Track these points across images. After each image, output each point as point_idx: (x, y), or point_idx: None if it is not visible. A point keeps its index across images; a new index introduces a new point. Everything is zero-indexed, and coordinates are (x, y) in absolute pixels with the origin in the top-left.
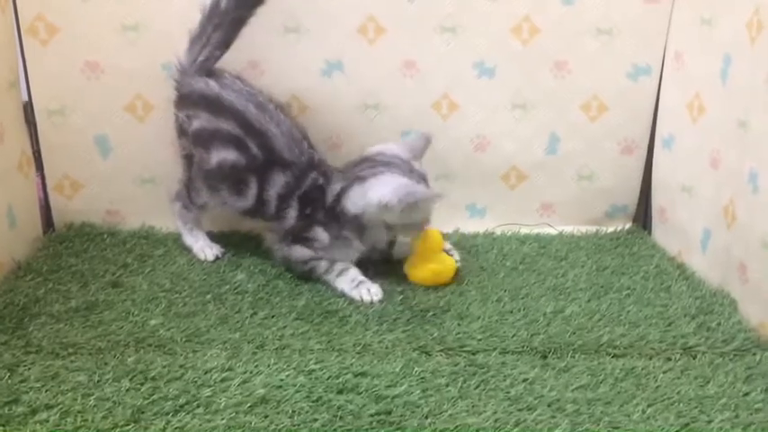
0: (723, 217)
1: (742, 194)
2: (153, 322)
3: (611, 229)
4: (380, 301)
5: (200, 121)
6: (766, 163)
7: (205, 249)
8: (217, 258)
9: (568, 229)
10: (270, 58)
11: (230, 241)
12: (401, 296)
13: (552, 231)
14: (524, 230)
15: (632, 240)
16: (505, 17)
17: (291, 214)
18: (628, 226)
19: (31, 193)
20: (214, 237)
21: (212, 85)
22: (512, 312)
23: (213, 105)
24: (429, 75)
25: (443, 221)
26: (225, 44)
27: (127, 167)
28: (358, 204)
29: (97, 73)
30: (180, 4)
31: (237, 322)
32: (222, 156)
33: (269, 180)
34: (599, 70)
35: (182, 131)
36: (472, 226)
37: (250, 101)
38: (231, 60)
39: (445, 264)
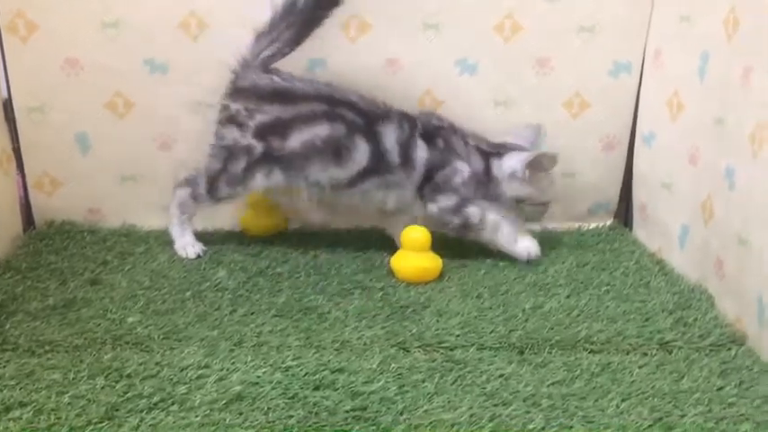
0: (701, 213)
1: (719, 191)
2: (131, 320)
3: (592, 226)
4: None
5: (269, 113)
6: (742, 159)
7: (187, 247)
8: (198, 257)
9: (551, 225)
10: None
11: (213, 239)
12: (381, 292)
13: (534, 228)
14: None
15: (613, 237)
16: (488, 14)
17: (420, 154)
18: (609, 222)
19: (11, 191)
20: (197, 235)
21: (277, 80)
22: (491, 308)
23: (285, 96)
24: (412, 72)
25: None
26: (295, 42)
27: (107, 165)
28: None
29: (77, 70)
30: (160, 0)
31: (216, 319)
32: (312, 134)
33: (379, 133)
34: (581, 67)
35: (231, 121)
36: None
37: (316, 84)
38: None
39: (432, 261)
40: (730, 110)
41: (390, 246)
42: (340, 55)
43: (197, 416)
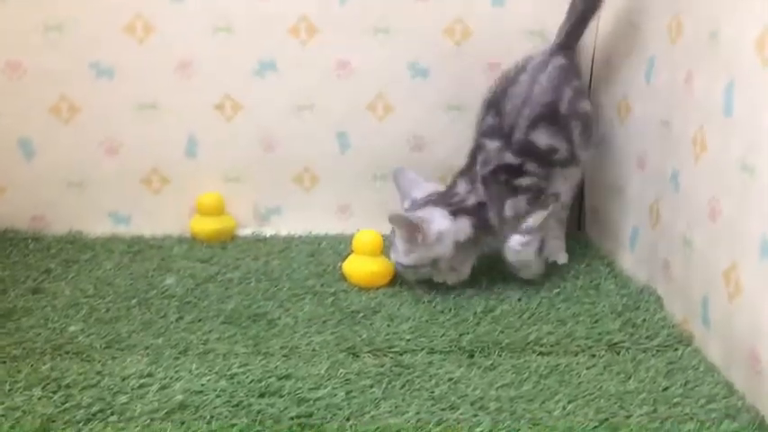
0: (649, 215)
1: (665, 193)
2: (72, 328)
3: None
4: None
5: None
6: (686, 162)
7: None
8: None
9: None
10: (202, 58)
11: (162, 245)
12: (332, 298)
13: None
14: None
15: (567, 239)
16: (437, 18)
17: None
18: None
19: None
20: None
21: None
22: (443, 312)
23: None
24: (362, 75)
25: (383, 222)
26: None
27: (52, 171)
28: None
29: (19, 73)
30: (105, 3)
31: (162, 327)
32: None
33: None
34: None
35: None
36: None
37: None
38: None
39: (384, 265)
40: (675, 113)
41: (343, 252)
42: (290, 58)
43: (137, 426)
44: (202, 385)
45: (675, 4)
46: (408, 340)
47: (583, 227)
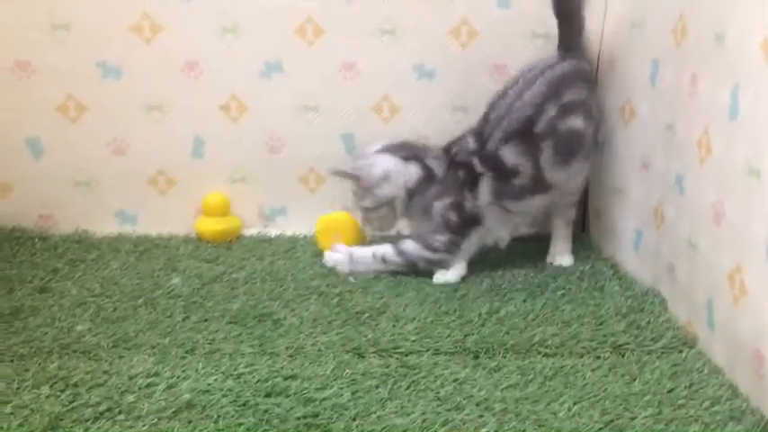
0: (653, 218)
1: (670, 196)
2: (79, 328)
3: (549, 231)
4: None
5: None
6: (691, 165)
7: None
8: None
9: None
10: (208, 59)
11: (168, 245)
12: (338, 298)
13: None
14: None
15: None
16: (443, 20)
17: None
18: None
19: None
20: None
21: None
22: (447, 313)
23: None
24: (368, 76)
25: None
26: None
27: (60, 170)
28: None
29: (28, 73)
30: (113, 3)
31: (168, 327)
32: None
33: None
34: None
35: None
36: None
37: None
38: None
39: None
40: (679, 116)
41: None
42: (296, 59)
43: (144, 425)
44: (209, 385)
45: (680, 6)
46: (413, 341)
47: (587, 229)
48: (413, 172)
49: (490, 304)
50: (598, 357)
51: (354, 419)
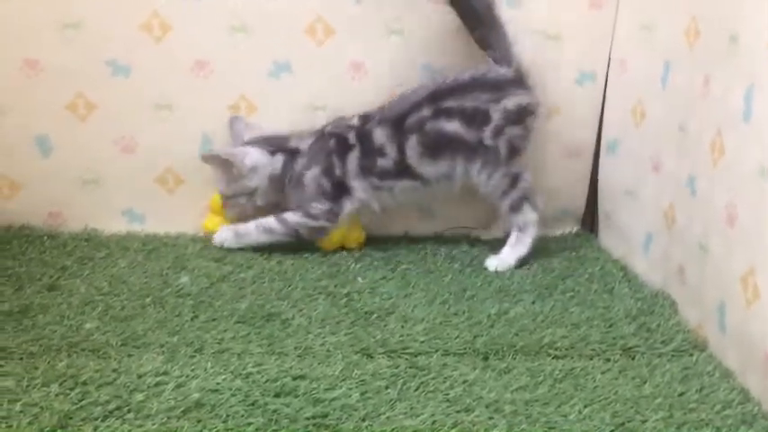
0: (664, 220)
1: (681, 198)
2: (88, 326)
3: (558, 233)
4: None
5: None
6: (702, 167)
7: None
8: None
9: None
10: (217, 58)
11: (176, 243)
12: (346, 298)
13: (501, 234)
14: (474, 233)
15: (579, 243)
16: (451, 20)
17: None
18: (575, 229)
19: None
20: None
21: None
22: (456, 314)
23: None
24: (376, 77)
25: (393, 224)
26: None
27: (69, 168)
28: None
29: (37, 71)
30: (122, 1)
31: (176, 326)
32: None
33: None
34: (546, 75)
35: None
36: (422, 228)
37: None
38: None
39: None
40: (691, 118)
41: (356, 251)
42: (305, 59)
43: (154, 424)
44: (218, 384)
45: (693, 7)
46: (422, 342)
47: (596, 231)
48: (276, 161)
49: (499, 305)
50: (608, 360)
51: (364, 420)
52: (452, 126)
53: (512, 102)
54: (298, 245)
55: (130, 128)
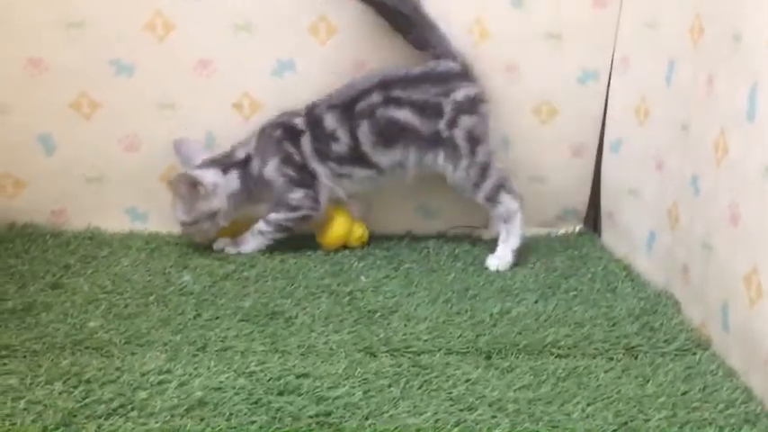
0: (667, 219)
1: (684, 197)
2: (92, 324)
3: (561, 232)
4: None
5: None
6: (706, 166)
7: None
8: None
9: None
10: (221, 57)
11: (179, 242)
12: (349, 297)
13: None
14: (475, 233)
15: (582, 243)
16: (456, 19)
17: None
18: (578, 228)
19: None
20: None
21: None
22: (459, 313)
23: None
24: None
25: (396, 223)
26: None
27: (72, 166)
28: None
29: (41, 70)
30: (126, 1)
31: (180, 324)
32: None
33: None
34: (549, 74)
35: None
36: (425, 227)
37: None
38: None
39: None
40: (695, 117)
41: (359, 249)
42: (309, 57)
43: (157, 422)
44: (221, 382)
45: (697, 5)
46: (425, 341)
47: (599, 230)
48: (232, 179)
49: (502, 304)
50: (611, 359)
51: (367, 418)
52: (403, 114)
53: (461, 94)
54: (300, 244)
55: (134, 127)
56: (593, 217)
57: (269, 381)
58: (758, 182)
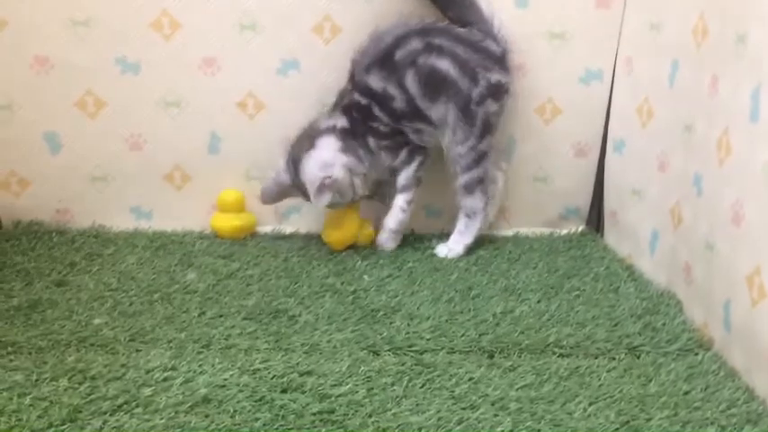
0: (670, 219)
1: (687, 197)
2: (97, 321)
3: (564, 232)
4: None
5: None
6: (709, 166)
7: None
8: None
9: (523, 231)
10: (226, 56)
11: (183, 241)
12: (352, 296)
13: (507, 233)
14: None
15: (585, 242)
16: None
17: None
18: (581, 228)
19: None
20: (165, 236)
21: None
22: (462, 312)
23: None
24: None
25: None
26: None
27: (78, 165)
28: None
29: (47, 68)
30: None
31: (184, 322)
32: None
33: None
34: (553, 74)
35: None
36: (428, 227)
37: None
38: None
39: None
40: (699, 117)
41: (362, 247)
42: (313, 56)
43: (162, 418)
44: (225, 380)
45: (701, 6)
46: (428, 339)
47: (602, 230)
48: (328, 142)
49: (504, 304)
50: (613, 359)
51: (370, 416)
52: (445, 65)
53: (495, 77)
54: (303, 243)
55: (139, 125)
56: (595, 217)
57: (272, 378)
58: (761, 182)
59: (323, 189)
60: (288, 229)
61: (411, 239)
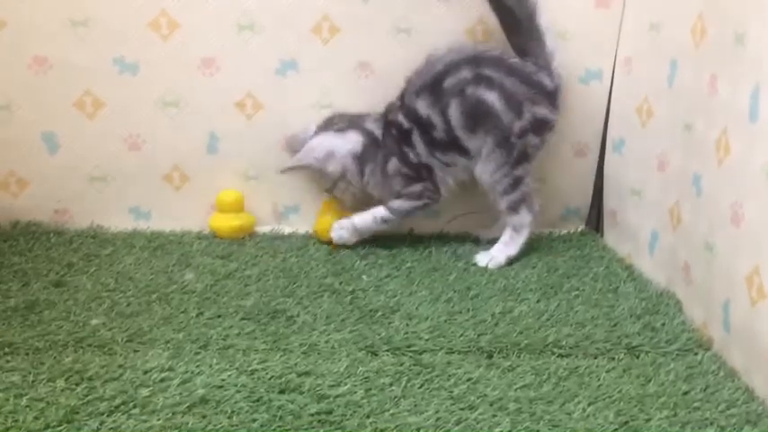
0: (669, 219)
1: (686, 197)
2: (94, 322)
3: (564, 232)
4: None
5: None
6: (708, 166)
7: None
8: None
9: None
10: (224, 56)
11: (181, 241)
12: (351, 296)
13: (500, 235)
14: (474, 233)
15: (584, 242)
16: (460, 19)
17: None
18: (580, 228)
19: None
20: (164, 236)
21: None
22: (461, 312)
23: None
24: (383, 76)
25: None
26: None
27: (76, 165)
28: None
29: (45, 68)
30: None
31: (182, 322)
32: None
33: None
34: None
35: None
36: (426, 227)
37: None
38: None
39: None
40: (698, 117)
41: (358, 247)
42: (311, 57)
43: (159, 419)
44: (223, 380)
45: (700, 6)
46: (427, 340)
47: (601, 230)
48: (354, 140)
49: (503, 304)
50: (612, 359)
51: (368, 417)
52: (492, 97)
53: (541, 111)
54: (302, 243)
55: (138, 125)
56: (595, 217)
57: (270, 379)
58: (760, 182)
59: (300, 166)
60: (286, 229)
61: (409, 239)
